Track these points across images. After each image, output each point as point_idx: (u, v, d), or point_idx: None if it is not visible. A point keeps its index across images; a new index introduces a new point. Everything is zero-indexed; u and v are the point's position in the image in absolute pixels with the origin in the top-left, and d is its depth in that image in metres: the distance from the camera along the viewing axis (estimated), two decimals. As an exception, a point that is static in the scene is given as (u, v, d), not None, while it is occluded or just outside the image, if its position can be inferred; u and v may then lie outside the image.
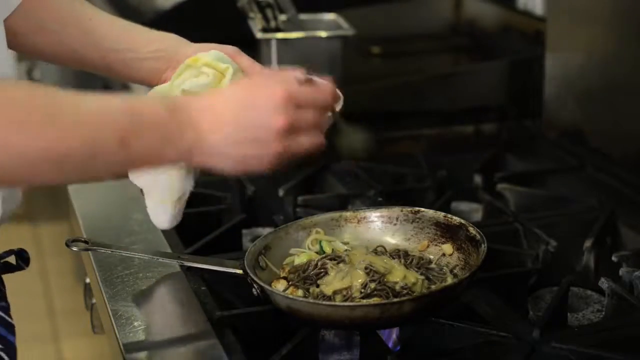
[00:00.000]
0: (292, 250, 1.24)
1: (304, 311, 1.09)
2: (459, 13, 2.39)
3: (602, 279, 1.22)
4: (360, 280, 1.12)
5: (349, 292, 1.12)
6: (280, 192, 1.55)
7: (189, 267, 1.29)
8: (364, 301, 1.10)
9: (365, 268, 1.13)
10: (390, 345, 1.13)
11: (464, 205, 1.61)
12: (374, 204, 1.47)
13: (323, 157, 1.60)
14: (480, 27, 2.30)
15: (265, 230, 1.50)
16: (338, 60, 1.82)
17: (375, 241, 1.26)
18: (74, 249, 1.22)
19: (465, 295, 1.18)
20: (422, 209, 1.27)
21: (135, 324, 1.14)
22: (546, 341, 1.09)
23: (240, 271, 1.17)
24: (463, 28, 2.36)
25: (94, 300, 1.35)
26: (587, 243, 1.36)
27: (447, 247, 1.23)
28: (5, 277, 1.25)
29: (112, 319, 1.16)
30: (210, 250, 1.35)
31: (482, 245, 1.17)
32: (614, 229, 1.44)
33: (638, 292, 1.24)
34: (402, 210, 1.28)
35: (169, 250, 1.34)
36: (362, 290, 1.11)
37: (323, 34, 1.82)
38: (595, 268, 1.36)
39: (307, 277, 1.15)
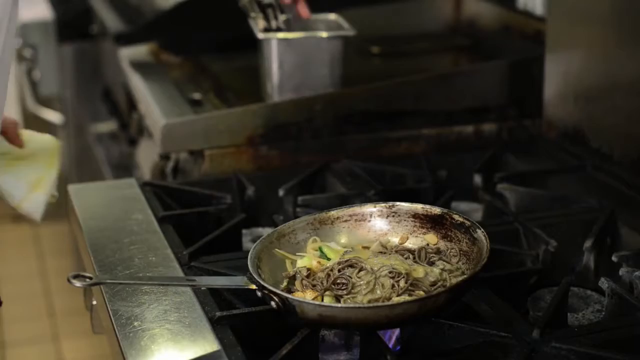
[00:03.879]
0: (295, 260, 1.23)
1: (340, 317, 1.09)
2: (459, 13, 2.39)
3: (602, 279, 1.22)
4: (389, 285, 1.13)
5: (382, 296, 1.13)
6: (280, 192, 1.56)
7: (189, 267, 1.30)
8: (402, 298, 1.11)
9: (390, 272, 1.14)
10: (390, 345, 1.14)
11: (464, 205, 1.61)
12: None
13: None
14: (480, 27, 2.30)
15: (266, 230, 1.50)
16: (338, 60, 1.82)
17: (354, 240, 1.27)
18: (77, 284, 1.10)
19: (465, 295, 1.19)
20: (397, 203, 1.28)
21: (135, 324, 1.14)
22: (546, 341, 1.09)
23: (253, 286, 1.16)
24: (463, 28, 2.36)
25: (94, 300, 1.35)
26: (587, 243, 1.36)
27: (431, 237, 1.24)
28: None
29: (112, 319, 1.16)
30: (210, 250, 1.35)
31: (478, 231, 1.19)
32: (614, 229, 1.44)
33: (638, 292, 1.24)
34: (375, 206, 1.29)
35: (169, 251, 1.34)
36: (392, 291, 1.12)
37: (323, 34, 1.83)
38: (595, 268, 1.36)
39: (332, 284, 1.15)
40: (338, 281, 1.14)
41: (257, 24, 1.80)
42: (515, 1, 2.18)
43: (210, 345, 1.09)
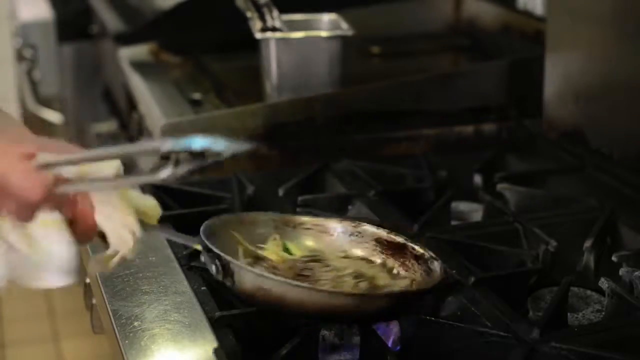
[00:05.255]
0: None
1: (275, 293, 1.06)
2: (459, 13, 2.39)
3: (602, 279, 1.22)
4: (351, 285, 1.12)
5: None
6: (280, 192, 1.55)
7: (190, 267, 1.29)
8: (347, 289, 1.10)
9: (354, 272, 1.13)
10: (390, 345, 1.14)
11: (464, 205, 1.61)
12: (371, 204, 1.48)
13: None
14: (480, 27, 2.30)
15: (266, 231, 1.50)
16: (338, 60, 1.82)
17: (316, 247, 1.24)
18: None
19: (466, 295, 1.19)
20: (364, 224, 1.26)
21: (135, 324, 1.15)
22: (546, 341, 1.09)
23: (198, 246, 1.13)
24: (463, 28, 2.36)
25: (94, 300, 1.35)
26: (587, 243, 1.36)
27: (390, 262, 1.22)
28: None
29: (112, 319, 1.16)
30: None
31: (435, 263, 1.16)
32: (614, 229, 1.44)
33: (638, 292, 1.24)
34: (340, 222, 1.27)
35: (169, 251, 1.34)
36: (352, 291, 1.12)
37: (322, 33, 1.83)
38: (595, 268, 1.36)
39: (297, 275, 1.14)
40: (302, 273, 1.13)
41: (255, 24, 1.80)
42: (515, 1, 2.18)
43: (210, 345, 1.09)
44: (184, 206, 1.53)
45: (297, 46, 1.80)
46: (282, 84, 1.81)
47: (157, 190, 1.56)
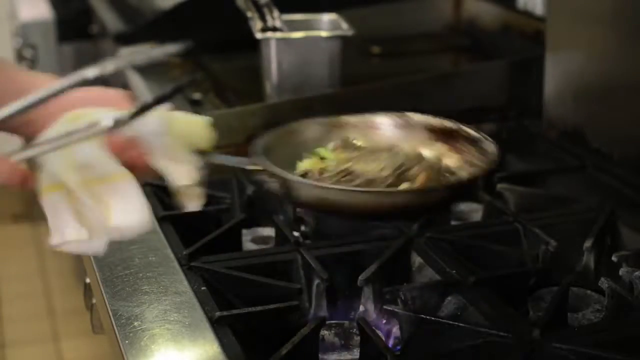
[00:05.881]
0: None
1: (330, 200, 1.10)
2: (459, 13, 2.39)
3: (602, 279, 1.22)
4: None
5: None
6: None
7: (190, 267, 1.29)
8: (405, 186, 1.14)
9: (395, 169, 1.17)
10: (390, 345, 1.14)
11: (464, 205, 1.61)
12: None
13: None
14: (480, 27, 2.30)
15: (266, 230, 1.50)
16: (338, 60, 1.82)
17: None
18: None
19: (466, 295, 1.19)
20: (411, 113, 1.32)
21: (135, 324, 1.15)
22: (546, 341, 1.09)
23: (258, 166, 1.15)
24: (463, 28, 2.36)
25: (94, 300, 1.35)
26: (587, 243, 1.36)
27: (442, 149, 1.26)
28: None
29: (112, 319, 1.16)
30: (210, 250, 1.35)
31: (489, 143, 1.22)
32: (614, 229, 1.44)
33: (638, 292, 1.24)
34: (387, 115, 1.32)
35: (169, 251, 1.34)
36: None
37: (322, 33, 1.83)
38: (595, 268, 1.36)
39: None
40: (347, 175, 1.17)
41: (255, 24, 1.81)
42: (515, 1, 2.18)
43: (210, 345, 1.09)
44: (184, 206, 1.53)
45: (297, 46, 1.80)
46: (282, 84, 1.81)
47: (157, 190, 1.57)
